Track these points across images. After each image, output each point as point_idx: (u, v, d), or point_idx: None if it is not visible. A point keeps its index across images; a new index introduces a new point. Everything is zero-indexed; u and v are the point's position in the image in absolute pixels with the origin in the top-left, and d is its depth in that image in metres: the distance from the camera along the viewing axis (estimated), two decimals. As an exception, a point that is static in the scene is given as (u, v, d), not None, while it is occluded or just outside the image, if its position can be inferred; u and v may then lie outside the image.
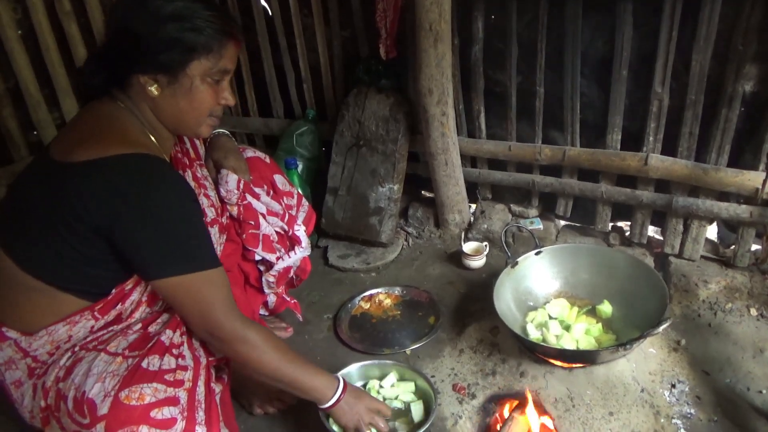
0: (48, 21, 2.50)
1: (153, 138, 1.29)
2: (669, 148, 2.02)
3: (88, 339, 1.26)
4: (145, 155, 1.20)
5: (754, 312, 1.89)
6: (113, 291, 1.26)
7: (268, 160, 1.73)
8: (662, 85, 1.92)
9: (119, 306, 1.27)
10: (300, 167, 2.58)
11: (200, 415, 1.19)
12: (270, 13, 2.64)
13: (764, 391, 1.62)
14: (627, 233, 2.29)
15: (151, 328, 1.30)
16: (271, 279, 1.71)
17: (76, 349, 1.25)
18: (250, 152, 1.70)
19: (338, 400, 1.39)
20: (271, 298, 1.85)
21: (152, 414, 1.12)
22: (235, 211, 1.57)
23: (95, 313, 1.25)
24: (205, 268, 1.22)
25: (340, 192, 2.52)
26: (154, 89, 1.23)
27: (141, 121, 1.28)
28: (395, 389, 1.61)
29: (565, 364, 1.65)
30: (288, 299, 1.83)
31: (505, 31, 2.14)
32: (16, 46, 2.45)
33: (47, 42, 2.52)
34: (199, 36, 1.20)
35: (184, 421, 1.15)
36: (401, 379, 1.65)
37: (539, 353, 1.68)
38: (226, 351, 1.30)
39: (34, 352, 1.25)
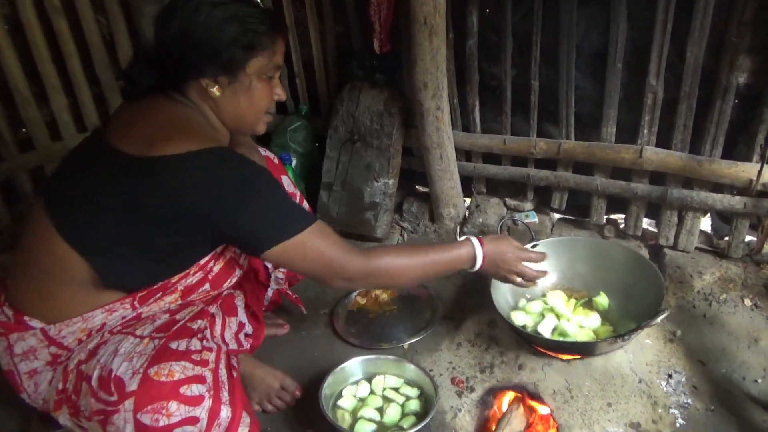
0: (36, 16, 2.46)
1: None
2: (663, 141, 2.03)
3: (117, 325, 1.28)
4: (228, 149, 1.26)
5: (748, 302, 1.91)
6: (159, 283, 1.28)
7: (276, 160, 1.76)
8: (657, 78, 1.93)
9: (158, 295, 1.30)
10: (294, 163, 2.57)
11: (225, 395, 1.21)
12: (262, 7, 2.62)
13: (760, 381, 1.63)
14: (622, 226, 2.30)
15: (179, 316, 1.33)
16: (281, 276, 1.73)
17: (105, 334, 1.26)
18: (262, 152, 1.72)
19: (483, 261, 1.46)
20: (268, 294, 1.86)
21: (182, 390, 1.13)
22: None
23: (135, 302, 1.28)
24: (309, 224, 1.25)
25: (335, 187, 2.51)
26: (216, 90, 1.27)
27: (208, 123, 1.32)
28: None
29: (564, 356, 1.65)
30: (291, 294, 1.84)
31: (499, 24, 2.13)
32: (4, 41, 2.41)
33: (36, 37, 2.47)
34: (255, 34, 1.24)
35: (211, 400, 1.17)
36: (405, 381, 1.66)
37: (537, 345, 1.69)
38: (367, 285, 1.45)
39: (63, 339, 1.25)
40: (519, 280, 1.55)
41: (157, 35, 1.26)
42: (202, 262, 1.32)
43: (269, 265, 1.73)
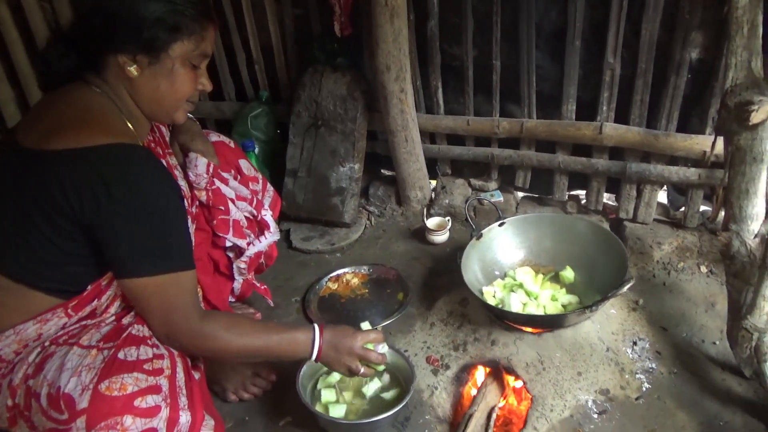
0: (-26, 3, 2.34)
1: (131, 126, 1.24)
2: (622, 117, 2.09)
3: (59, 334, 1.21)
4: (132, 145, 1.15)
5: (704, 269, 2.00)
6: (89, 287, 1.21)
7: (232, 144, 1.71)
8: (614, 55, 1.98)
9: (95, 302, 1.23)
10: (256, 150, 2.52)
11: (183, 400, 1.17)
12: (217, -9, 2.54)
13: (717, 342, 1.72)
14: (583, 201, 2.36)
15: (125, 320, 1.25)
16: (243, 265, 1.68)
17: (46, 344, 1.19)
18: (215, 136, 1.67)
19: (320, 350, 1.36)
20: (237, 284, 1.82)
21: (136, 403, 1.09)
22: (204, 196, 1.53)
23: (69, 310, 1.20)
24: (178, 269, 1.19)
25: (300, 174, 2.48)
26: (133, 69, 1.19)
27: (119, 108, 1.23)
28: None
29: (535, 330, 1.69)
30: (258, 285, 1.81)
31: (460, 5, 2.14)
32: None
33: (-26, 25, 2.35)
34: (182, 16, 1.18)
35: (168, 408, 1.13)
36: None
37: (509, 321, 1.72)
38: (187, 350, 1.27)
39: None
40: (362, 369, 1.40)
41: (76, 11, 1.19)
42: None
43: (231, 255, 1.69)
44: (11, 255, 1.15)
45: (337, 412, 1.50)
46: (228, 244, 1.62)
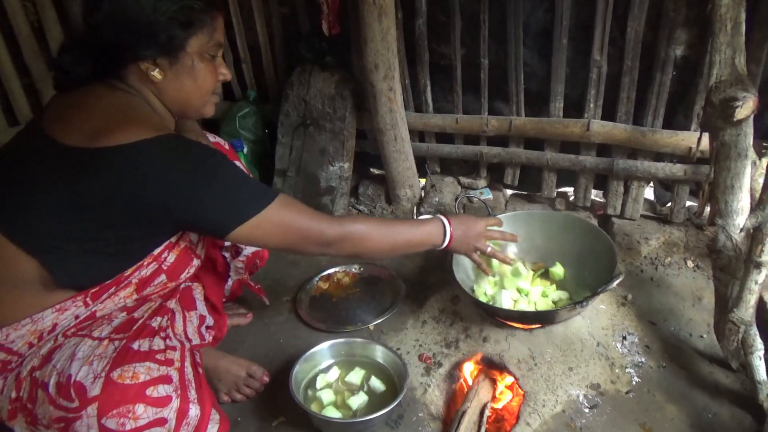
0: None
1: None
2: (608, 114, 2.11)
3: (70, 326, 1.22)
4: (178, 135, 1.21)
5: (690, 264, 2.03)
6: (112, 278, 1.23)
7: (227, 146, 1.72)
8: (601, 53, 2.00)
9: (112, 290, 1.24)
10: (245, 150, 2.51)
11: (192, 393, 1.18)
12: (203, -9, 2.52)
13: (705, 336, 1.74)
14: (571, 198, 2.38)
15: (137, 313, 1.28)
16: (240, 265, 1.69)
17: (59, 338, 1.20)
18: (211, 137, 1.67)
19: (451, 236, 1.50)
20: (228, 285, 1.82)
21: (148, 392, 1.10)
22: None
23: (87, 298, 1.21)
24: (273, 198, 1.24)
25: (289, 173, 2.47)
26: (157, 74, 1.22)
27: (152, 109, 1.27)
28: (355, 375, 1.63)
29: (526, 326, 1.71)
30: (253, 284, 1.81)
31: (447, 3, 2.14)
32: None
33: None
34: (192, 10, 1.19)
35: (179, 399, 1.14)
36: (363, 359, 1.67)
37: (501, 317, 1.73)
38: (341, 252, 1.35)
39: (11, 344, 1.18)
40: (489, 248, 1.61)
41: (88, 20, 1.20)
42: (156, 252, 1.28)
43: (227, 255, 1.70)
44: (55, 253, 1.16)
45: (331, 411, 1.51)
46: (227, 243, 1.63)
